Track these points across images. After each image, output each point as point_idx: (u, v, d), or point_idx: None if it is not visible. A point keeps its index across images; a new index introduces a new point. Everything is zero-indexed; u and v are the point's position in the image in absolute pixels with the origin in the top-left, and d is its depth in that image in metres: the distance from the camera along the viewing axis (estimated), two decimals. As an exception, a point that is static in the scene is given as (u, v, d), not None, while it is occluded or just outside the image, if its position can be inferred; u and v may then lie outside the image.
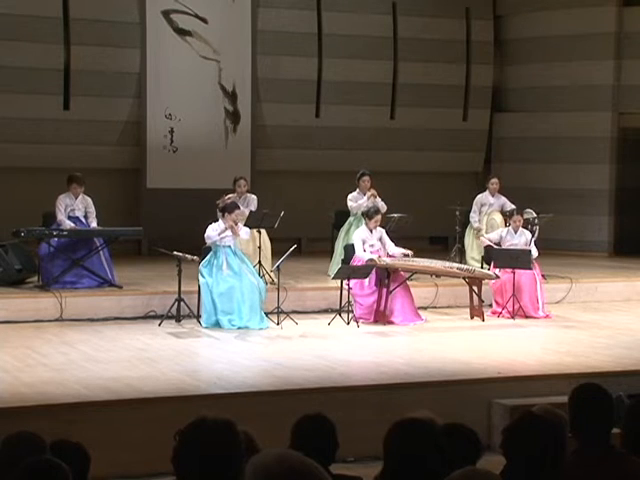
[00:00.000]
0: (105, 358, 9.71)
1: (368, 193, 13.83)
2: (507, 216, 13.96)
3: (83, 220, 12.87)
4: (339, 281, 12.15)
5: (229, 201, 12.69)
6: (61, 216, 12.68)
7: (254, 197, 13.82)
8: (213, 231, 11.77)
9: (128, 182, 16.57)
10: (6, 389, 8.36)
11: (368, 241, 12.46)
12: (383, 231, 12.64)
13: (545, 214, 14.43)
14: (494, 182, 14.97)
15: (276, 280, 12.33)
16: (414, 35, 17.99)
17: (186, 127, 16.55)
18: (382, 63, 17.85)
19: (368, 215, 12.56)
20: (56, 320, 11.69)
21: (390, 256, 12.44)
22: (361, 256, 12.27)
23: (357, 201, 13.89)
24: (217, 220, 11.94)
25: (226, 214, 11.85)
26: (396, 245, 12.61)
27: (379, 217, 12.55)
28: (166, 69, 16.44)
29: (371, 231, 12.49)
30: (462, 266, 13.09)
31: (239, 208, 12.18)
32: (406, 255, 12.51)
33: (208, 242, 11.83)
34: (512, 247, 12.85)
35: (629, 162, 17.95)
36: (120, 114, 16.37)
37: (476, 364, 9.69)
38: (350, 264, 12.33)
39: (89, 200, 12.95)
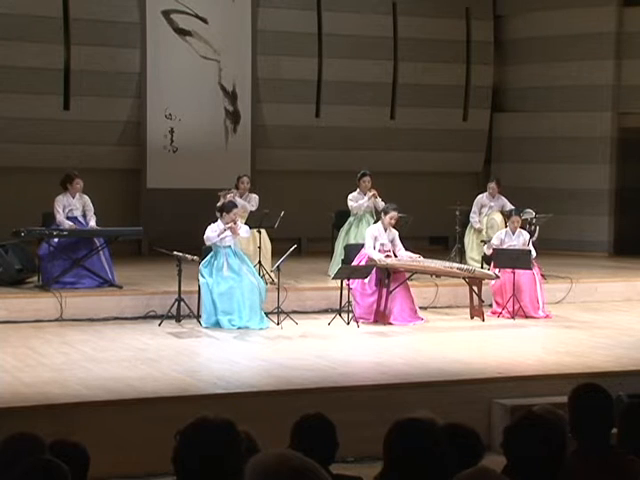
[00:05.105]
0: (105, 358, 9.70)
1: (369, 193, 13.83)
2: (507, 216, 13.97)
3: (82, 220, 12.87)
4: (339, 281, 12.15)
5: (227, 200, 12.69)
6: (60, 217, 12.67)
7: (255, 196, 13.83)
8: (212, 232, 11.76)
9: (128, 182, 16.57)
10: (6, 389, 8.36)
11: (380, 239, 12.37)
12: (396, 233, 12.54)
13: (545, 214, 14.44)
14: (491, 187, 15.03)
15: (276, 280, 12.32)
16: (414, 35, 17.99)
17: (186, 127, 16.55)
18: (382, 63, 17.86)
19: (385, 211, 12.51)
20: (56, 320, 11.69)
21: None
22: (371, 253, 12.19)
23: (357, 201, 13.90)
24: (216, 220, 11.94)
25: (224, 213, 11.85)
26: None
27: (395, 214, 12.39)
28: (166, 69, 16.44)
29: (385, 230, 12.42)
30: (462, 266, 13.08)
31: (237, 207, 12.16)
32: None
33: (208, 243, 11.83)
34: (511, 247, 12.85)
35: (629, 162, 17.96)
36: (120, 114, 16.37)
37: (476, 364, 9.69)
38: (353, 262, 12.33)
39: (87, 198, 12.94)
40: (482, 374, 9.28)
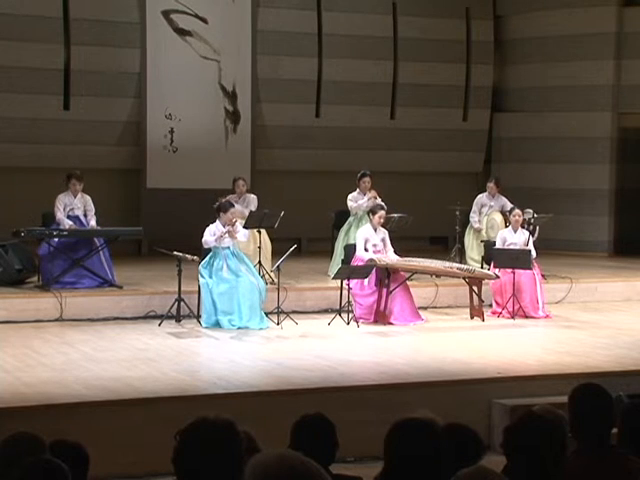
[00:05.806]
0: (105, 358, 9.70)
1: (369, 194, 13.83)
2: (507, 215, 13.94)
3: (82, 219, 12.88)
4: (339, 281, 12.15)
5: (224, 200, 12.68)
6: (60, 215, 12.68)
7: (254, 197, 13.83)
8: (210, 236, 11.75)
9: (128, 182, 16.57)
10: (6, 389, 8.35)
11: (371, 240, 12.43)
12: (386, 233, 12.61)
13: (544, 214, 14.43)
14: (490, 186, 15.05)
15: (276, 280, 12.32)
16: (414, 35, 17.99)
17: (186, 127, 16.55)
18: (382, 63, 17.86)
19: (373, 211, 12.56)
20: (56, 320, 11.68)
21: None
22: (362, 256, 12.26)
23: (357, 201, 13.90)
24: (215, 221, 11.93)
25: (221, 213, 11.84)
26: (397, 249, 12.60)
27: (383, 213, 12.51)
28: (166, 69, 16.44)
29: (375, 230, 12.47)
30: (462, 266, 13.08)
31: (234, 206, 12.17)
32: None
33: (206, 247, 11.83)
34: (512, 246, 12.85)
35: (629, 162, 17.96)
36: (120, 114, 16.37)
37: (476, 364, 9.69)
38: (350, 264, 12.33)
39: (88, 198, 12.96)
40: (482, 374, 9.28)
